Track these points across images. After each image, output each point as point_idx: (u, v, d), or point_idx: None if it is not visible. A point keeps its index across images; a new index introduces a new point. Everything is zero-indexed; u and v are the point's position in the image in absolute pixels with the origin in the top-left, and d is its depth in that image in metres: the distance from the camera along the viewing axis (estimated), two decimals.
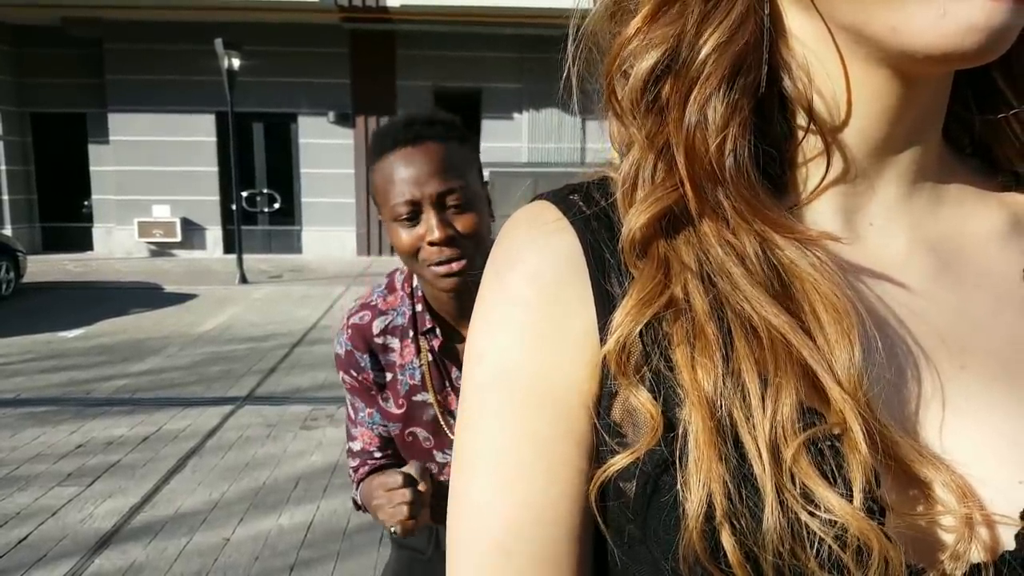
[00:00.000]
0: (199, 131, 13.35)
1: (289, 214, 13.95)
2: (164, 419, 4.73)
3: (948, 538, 0.34)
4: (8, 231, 12.46)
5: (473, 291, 0.46)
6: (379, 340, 1.31)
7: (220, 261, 12.98)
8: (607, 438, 0.39)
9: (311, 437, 4.41)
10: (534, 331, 0.41)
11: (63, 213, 14.21)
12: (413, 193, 1.16)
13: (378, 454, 1.39)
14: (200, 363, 6.26)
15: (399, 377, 1.31)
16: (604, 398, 0.40)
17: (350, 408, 1.40)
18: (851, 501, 0.32)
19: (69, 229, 14.22)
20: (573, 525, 0.40)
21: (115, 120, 13.25)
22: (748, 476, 0.34)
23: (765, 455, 0.34)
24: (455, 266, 1.18)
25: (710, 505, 0.34)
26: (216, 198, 13.66)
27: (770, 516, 0.33)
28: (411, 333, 1.29)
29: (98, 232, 14.11)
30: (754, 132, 0.40)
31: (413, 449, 1.36)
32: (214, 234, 13.85)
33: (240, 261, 10.64)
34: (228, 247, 13.48)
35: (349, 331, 1.32)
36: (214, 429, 4.56)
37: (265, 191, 13.85)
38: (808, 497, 0.33)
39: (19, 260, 9.31)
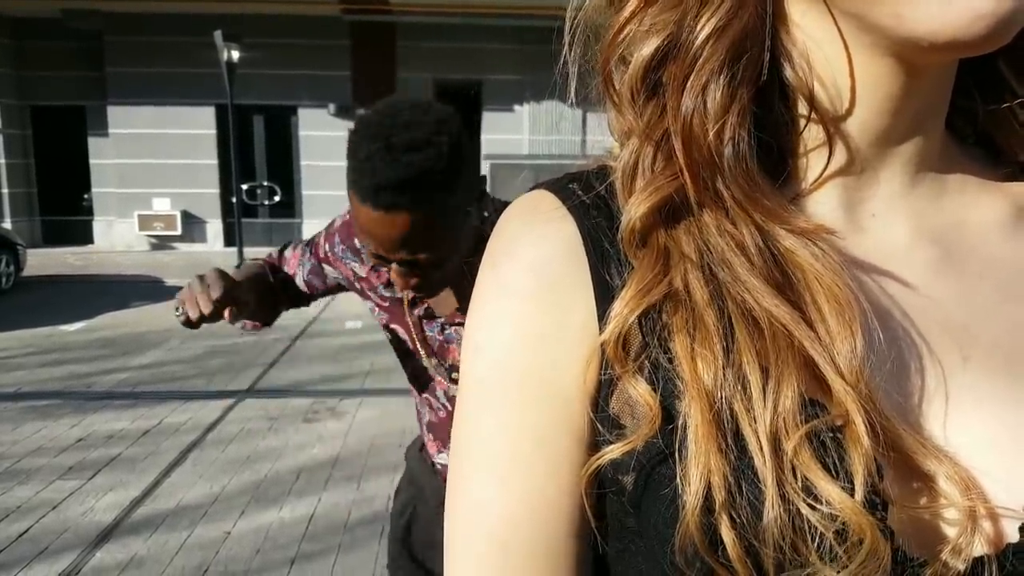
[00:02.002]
0: (199, 124, 13.33)
1: (290, 207, 13.94)
2: (165, 412, 4.74)
3: (951, 531, 0.34)
4: (8, 224, 12.45)
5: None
6: (359, 243, 1.34)
7: (221, 254, 12.97)
8: (604, 429, 0.38)
9: (312, 430, 4.42)
10: (533, 323, 0.40)
11: (63, 206, 14.20)
12: (379, 250, 1.13)
13: (280, 274, 1.50)
14: (201, 356, 6.27)
15: (376, 283, 1.35)
16: (603, 389, 0.39)
17: (305, 245, 1.48)
18: (853, 494, 0.32)
19: (69, 222, 14.22)
20: (572, 520, 0.40)
21: (115, 113, 13.22)
22: (748, 469, 0.34)
23: (766, 448, 0.33)
24: (422, 292, 1.22)
25: (708, 498, 0.33)
26: (216, 191, 13.65)
27: (771, 509, 0.32)
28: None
29: (98, 225, 14.11)
30: (755, 121, 0.39)
31: (402, 343, 1.41)
32: (215, 227, 13.85)
33: (241, 254, 10.63)
34: (229, 240, 13.47)
35: (346, 215, 1.36)
36: (215, 422, 4.57)
37: (265, 184, 13.83)
38: (809, 490, 0.33)
39: (19, 253, 9.31)
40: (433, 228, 1.11)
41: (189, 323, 1.23)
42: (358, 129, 1.12)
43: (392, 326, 1.40)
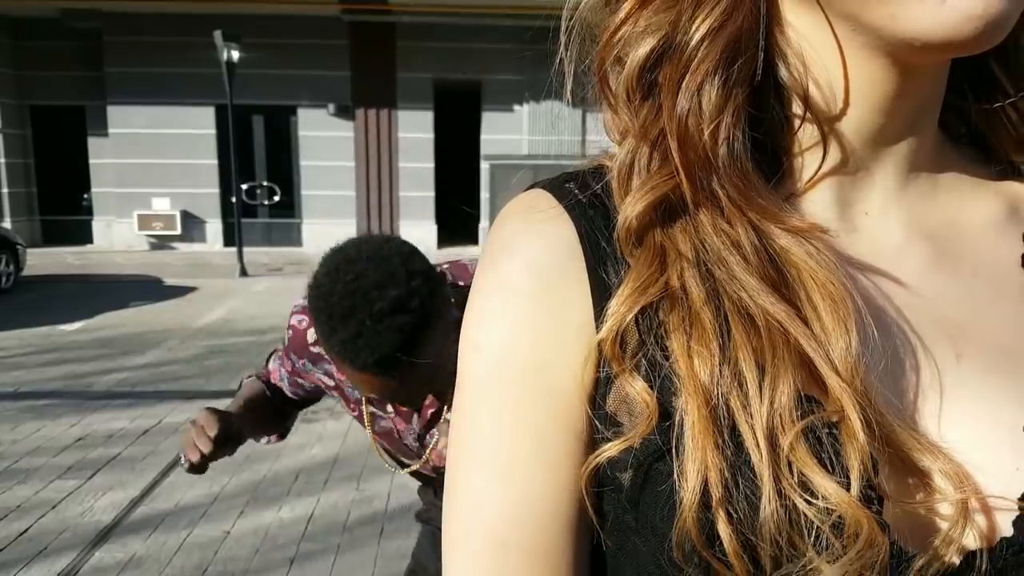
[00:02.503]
0: (199, 124, 13.34)
1: (289, 207, 13.95)
2: (164, 412, 4.74)
3: (944, 525, 0.34)
4: (7, 224, 12.45)
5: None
6: (313, 349, 1.31)
7: (220, 254, 12.99)
8: (602, 427, 0.39)
9: (311, 430, 4.42)
10: (531, 321, 0.41)
11: (63, 206, 14.21)
12: (376, 396, 1.18)
13: (273, 383, 1.47)
14: (200, 356, 6.27)
15: (346, 389, 1.33)
16: (600, 387, 0.39)
17: (277, 358, 1.47)
18: (848, 489, 0.32)
19: (69, 222, 14.22)
20: (571, 516, 0.40)
21: (114, 113, 13.23)
22: (745, 464, 0.34)
23: (762, 443, 0.33)
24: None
25: (705, 493, 0.34)
26: (216, 191, 13.65)
27: (767, 504, 0.33)
28: None
29: (98, 225, 14.11)
30: (750, 121, 0.39)
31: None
32: (214, 227, 13.85)
33: (240, 254, 10.64)
34: (228, 240, 13.47)
35: (290, 332, 1.34)
36: None
37: (265, 184, 13.84)
38: (805, 485, 0.33)
39: (19, 253, 9.32)
40: (425, 367, 1.10)
41: (194, 468, 1.21)
42: (330, 303, 1.05)
43: (367, 432, 1.40)
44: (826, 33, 0.38)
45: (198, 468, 1.21)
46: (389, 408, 1.32)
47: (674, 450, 0.35)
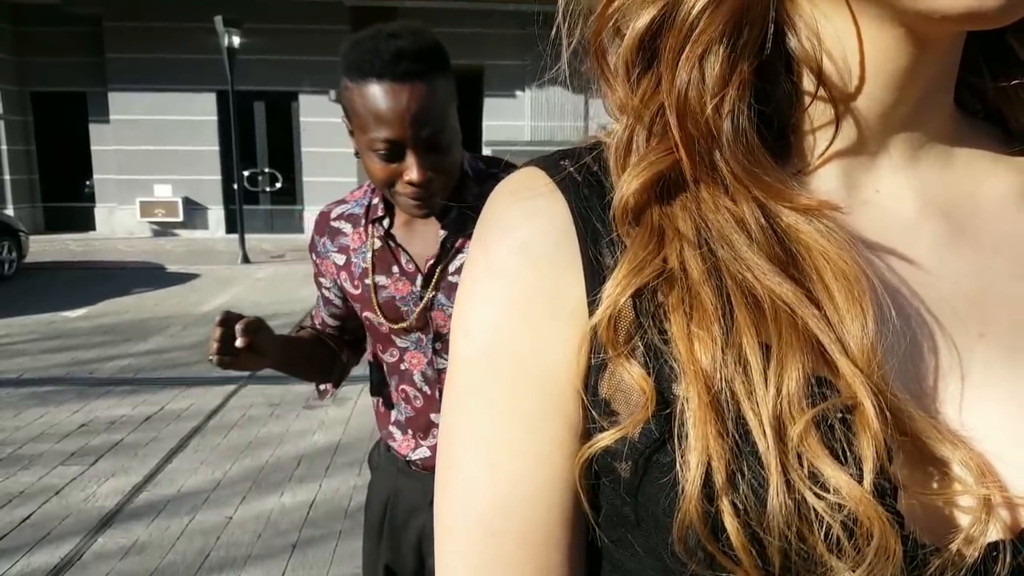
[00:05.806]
0: (200, 110, 13.30)
1: (291, 193, 13.93)
2: (167, 399, 4.76)
3: (964, 519, 0.32)
4: (10, 211, 12.46)
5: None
6: (334, 224, 1.42)
7: (222, 241, 13.00)
8: (597, 416, 0.37)
9: (313, 416, 4.43)
10: (522, 305, 0.39)
11: (65, 193, 14.21)
12: (396, 133, 1.14)
13: (319, 326, 1.59)
14: (203, 343, 6.27)
15: (353, 260, 1.40)
16: (593, 373, 0.38)
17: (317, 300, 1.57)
18: (861, 481, 0.31)
19: (71, 209, 14.23)
20: (564, 507, 0.39)
21: (115, 99, 13.20)
22: (751, 454, 0.32)
23: (769, 432, 0.32)
24: (428, 203, 1.24)
25: (709, 484, 0.32)
26: (218, 177, 13.64)
27: (775, 497, 0.31)
28: (363, 221, 1.39)
29: (100, 212, 14.11)
30: (756, 95, 0.37)
31: (374, 332, 1.44)
32: (216, 214, 13.85)
33: (242, 241, 10.65)
34: (230, 227, 13.48)
35: (317, 216, 1.46)
36: (217, 408, 4.58)
37: (267, 170, 13.82)
38: (815, 477, 0.31)
39: (21, 240, 9.33)
40: (445, 98, 1.18)
41: (220, 356, 1.29)
42: (354, 39, 1.20)
43: (366, 314, 1.43)
44: (840, 4, 0.36)
45: (224, 352, 1.28)
46: (395, 269, 1.36)
47: (675, 439, 0.34)
